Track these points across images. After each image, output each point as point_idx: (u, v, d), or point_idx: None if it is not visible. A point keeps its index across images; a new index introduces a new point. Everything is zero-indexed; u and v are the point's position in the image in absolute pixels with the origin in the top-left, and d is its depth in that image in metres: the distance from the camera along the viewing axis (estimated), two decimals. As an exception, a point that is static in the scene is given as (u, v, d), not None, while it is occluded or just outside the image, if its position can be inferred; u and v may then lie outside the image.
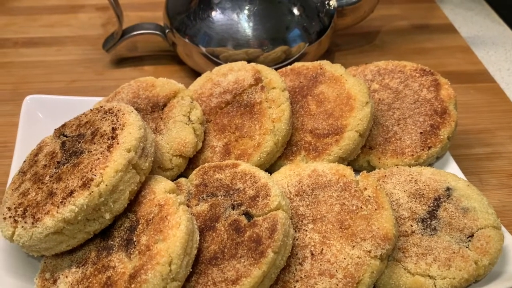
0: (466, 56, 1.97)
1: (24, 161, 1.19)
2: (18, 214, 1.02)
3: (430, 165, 1.32)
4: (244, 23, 1.62)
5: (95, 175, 0.98)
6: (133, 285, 0.90)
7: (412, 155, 1.29)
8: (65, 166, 1.06)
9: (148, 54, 1.93)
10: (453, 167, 1.32)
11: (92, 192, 0.97)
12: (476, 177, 1.44)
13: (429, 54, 1.96)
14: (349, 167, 1.16)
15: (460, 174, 1.29)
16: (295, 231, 1.07)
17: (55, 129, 1.22)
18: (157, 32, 1.78)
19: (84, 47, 1.97)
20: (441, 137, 1.30)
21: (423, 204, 1.14)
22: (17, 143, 1.35)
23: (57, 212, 0.97)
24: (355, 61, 1.60)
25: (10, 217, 1.04)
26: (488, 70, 1.91)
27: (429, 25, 2.14)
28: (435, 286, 1.01)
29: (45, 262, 1.08)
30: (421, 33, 2.08)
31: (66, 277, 1.01)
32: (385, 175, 1.23)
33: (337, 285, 0.97)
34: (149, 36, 1.85)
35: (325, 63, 1.40)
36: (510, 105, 1.73)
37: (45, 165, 1.11)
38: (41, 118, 1.43)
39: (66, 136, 1.17)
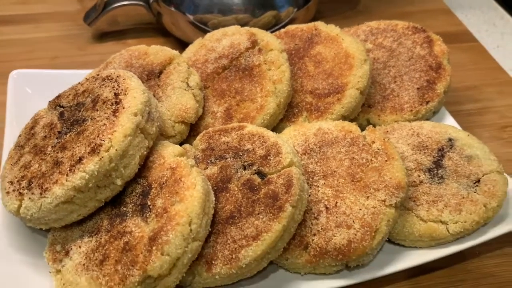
0: (448, 18, 2.01)
1: (20, 136, 1.14)
2: (23, 187, 0.98)
3: (427, 119, 1.34)
4: (231, -12, 1.59)
5: (103, 141, 0.95)
6: (154, 247, 0.88)
7: (411, 110, 1.31)
8: (68, 135, 1.02)
9: (130, 28, 1.88)
10: (450, 121, 1.35)
11: (102, 157, 0.93)
12: (469, 131, 1.46)
13: (412, 18, 1.96)
14: (354, 123, 1.17)
15: (458, 127, 1.31)
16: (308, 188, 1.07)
17: (49, 101, 1.17)
18: (141, 3, 1.73)
19: (63, 23, 1.89)
20: (438, 91, 1.33)
21: (428, 155, 1.16)
22: (7, 120, 1.29)
23: (66, 180, 0.94)
24: (341, 27, 1.60)
25: (14, 190, 0.99)
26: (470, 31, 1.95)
27: (409, -10, 2.16)
28: (447, 230, 1.03)
29: (53, 235, 1.04)
30: (402, -2, 2.11)
31: (79, 247, 0.98)
32: (387, 131, 1.24)
33: (355, 235, 0.98)
34: (130, 9, 1.80)
35: (320, 24, 1.40)
36: (494, 62, 1.78)
37: (45, 136, 1.07)
38: (29, 92, 1.37)
39: (63, 107, 1.13)
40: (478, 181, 1.09)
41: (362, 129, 1.18)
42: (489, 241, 1.10)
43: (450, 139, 1.19)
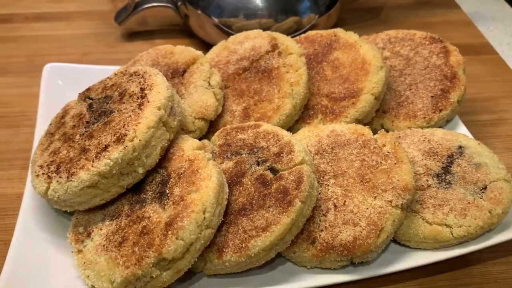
0: (468, 29, 2.03)
1: (50, 124, 1.23)
2: (52, 171, 1.06)
3: (440, 127, 1.37)
4: (256, -6, 1.66)
5: (128, 131, 1.02)
6: (169, 232, 0.95)
7: (424, 117, 1.34)
8: (95, 125, 1.10)
9: (158, 28, 1.96)
10: (462, 130, 1.38)
11: (127, 146, 1.00)
12: (482, 141, 1.47)
13: (433, 28, 2.01)
14: (366, 126, 1.21)
15: (470, 136, 1.34)
16: (318, 186, 1.11)
17: (79, 93, 1.25)
18: (169, 5, 1.81)
19: (94, 21, 1.99)
20: (451, 100, 1.36)
21: (437, 161, 1.19)
22: (39, 109, 1.38)
23: (92, 166, 1.01)
24: (362, 35, 1.65)
25: (43, 174, 1.07)
26: (490, 43, 1.96)
27: (432, 1, 2.19)
28: (452, 234, 1.06)
29: (76, 218, 1.12)
30: (425, 8, 2.14)
31: (100, 229, 1.05)
32: (400, 136, 1.28)
33: (361, 232, 1.02)
34: (159, 10, 1.88)
35: (339, 31, 1.44)
36: (513, 75, 1.79)
37: (74, 125, 1.15)
38: (61, 85, 1.46)
39: (92, 99, 1.20)
40: (485, 188, 1.12)
41: (376, 134, 1.22)
42: (494, 247, 1.13)
43: (460, 147, 1.22)
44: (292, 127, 1.34)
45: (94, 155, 1.02)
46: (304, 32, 1.55)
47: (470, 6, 2.24)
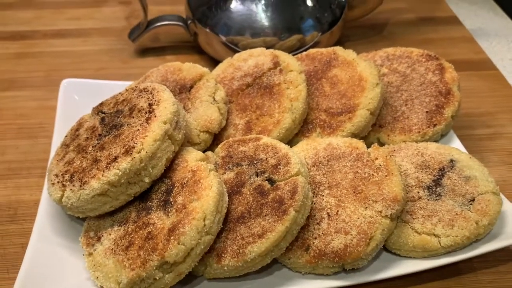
0: (469, 46, 2.08)
1: (66, 136, 1.32)
2: (66, 179, 1.15)
3: (435, 141, 1.43)
4: (261, 13, 1.74)
5: (136, 144, 1.11)
6: (172, 237, 1.02)
7: (419, 132, 1.40)
8: (106, 138, 1.19)
9: (170, 45, 2.06)
10: (456, 144, 1.43)
11: (134, 158, 1.09)
12: (478, 155, 1.54)
13: (435, 44, 2.07)
14: (361, 140, 1.28)
15: (463, 149, 1.40)
16: (313, 196, 1.18)
17: (93, 108, 1.34)
18: (180, 23, 1.90)
19: (109, 38, 2.10)
20: (446, 115, 1.42)
21: (429, 174, 1.25)
22: (56, 122, 1.48)
23: (102, 176, 1.09)
24: (364, 51, 1.72)
25: (58, 182, 1.16)
26: (491, 59, 2.01)
27: (435, 18, 2.26)
28: (439, 243, 1.12)
29: (88, 223, 1.20)
30: (427, 25, 2.20)
31: (110, 234, 1.13)
32: (394, 150, 1.34)
33: (352, 240, 1.08)
34: (171, 27, 1.98)
35: (338, 49, 1.52)
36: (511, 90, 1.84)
37: (87, 137, 1.24)
38: (76, 99, 1.56)
39: (104, 113, 1.29)
40: (473, 200, 1.18)
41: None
42: (484, 257, 1.18)
43: (451, 160, 1.27)
44: (291, 140, 1.41)
45: (105, 166, 1.11)
46: (306, 49, 1.62)
47: (473, 22, 2.30)
